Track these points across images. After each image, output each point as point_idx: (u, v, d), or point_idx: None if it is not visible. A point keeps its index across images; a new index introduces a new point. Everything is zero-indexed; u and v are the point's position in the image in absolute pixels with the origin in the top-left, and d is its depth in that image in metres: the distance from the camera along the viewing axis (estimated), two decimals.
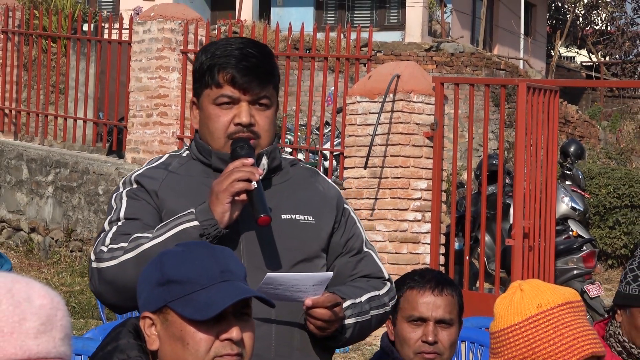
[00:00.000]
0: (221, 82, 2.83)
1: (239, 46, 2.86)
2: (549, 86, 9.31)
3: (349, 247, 2.96)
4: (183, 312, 2.17)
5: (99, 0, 23.95)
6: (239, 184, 2.70)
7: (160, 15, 11.51)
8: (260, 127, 2.85)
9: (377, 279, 2.97)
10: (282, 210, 2.85)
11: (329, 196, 2.96)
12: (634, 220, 14.02)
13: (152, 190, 2.87)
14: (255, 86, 2.83)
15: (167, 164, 2.94)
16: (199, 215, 2.72)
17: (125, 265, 2.73)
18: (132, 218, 2.83)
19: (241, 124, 2.82)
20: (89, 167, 11.59)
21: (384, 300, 2.94)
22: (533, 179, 8.92)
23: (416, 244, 9.18)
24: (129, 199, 2.87)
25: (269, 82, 2.86)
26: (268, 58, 2.89)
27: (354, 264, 2.96)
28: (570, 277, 9.80)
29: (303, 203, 2.90)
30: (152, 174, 2.91)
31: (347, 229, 2.97)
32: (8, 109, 12.82)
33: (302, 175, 2.97)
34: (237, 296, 2.17)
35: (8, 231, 12.11)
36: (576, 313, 2.72)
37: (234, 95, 2.83)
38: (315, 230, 2.88)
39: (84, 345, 4.21)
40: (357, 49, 10.84)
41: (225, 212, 2.71)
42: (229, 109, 2.84)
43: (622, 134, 20.58)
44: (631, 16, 27.05)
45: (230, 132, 2.84)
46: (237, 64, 2.82)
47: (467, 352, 4.77)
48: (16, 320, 1.74)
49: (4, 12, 12.72)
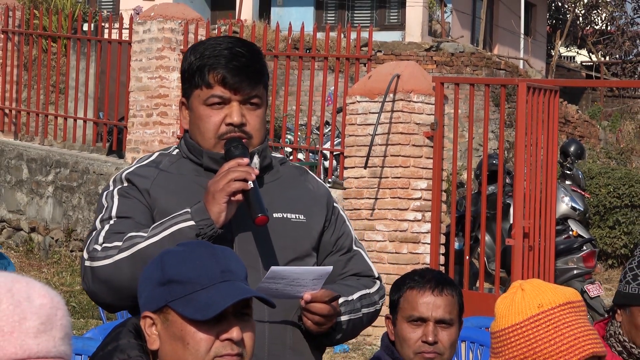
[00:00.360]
0: (212, 82, 2.82)
1: (228, 46, 2.84)
2: (549, 86, 9.30)
3: (339, 245, 2.96)
4: (184, 312, 2.17)
5: (99, 0, 23.95)
6: (236, 184, 2.69)
7: (160, 15, 11.51)
8: (251, 126, 2.84)
9: (367, 277, 2.97)
10: (274, 209, 2.84)
11: (318, 195, 2.96)
12: (634, 220, 14.02)
13: (143, 188, 2.85)
14: (246, 86, 2.82)
15: (158, 162, 2.93)
16: (195, 215, 2.71)
17: (120, 265, 2.72)
18: (124, 216, 2.82)
19: (232, 124, 2.82)
20: (89, 167, 11.59)
21: (374, 298, 2.95)
22: (533, 178, 8.92)
23: (416, 243, 9.18)
24: (121, 197, 2.86)
25: (259, 82, 2.85)
26: (257, 57, 2.87)
27: (344, 263, 2.96)
28: (571, 276, 9.80)
29: (294, 202, 2.90)
30: (143, 172, 2.89)
31: (337, 227, 2.97)
32: (8, 108, 12.82)
33: (291, 173, 2.97)
34: (237, 296, 2.16)
35: (8, 231, 12.11)
36: (577, 313, 2.72)
37: (225, 95, 2.82)
38: (306, 229, 2.88)
39: (84, 345, 4.21)
40: (357, 48, 10.84)
41: (222, 212, 2.70)
42: (220, 109, 2.83)
43: (622, 134, 20.58)
44: (631, 16, 27.07)
45: (222, 133, 2.83)
46: (228, 64, 2.81)
47: (467, 352, 4.77)
48: (16, 320, 1.74)
49: (4, 11, 12.72)
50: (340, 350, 8.92)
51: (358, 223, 9.27)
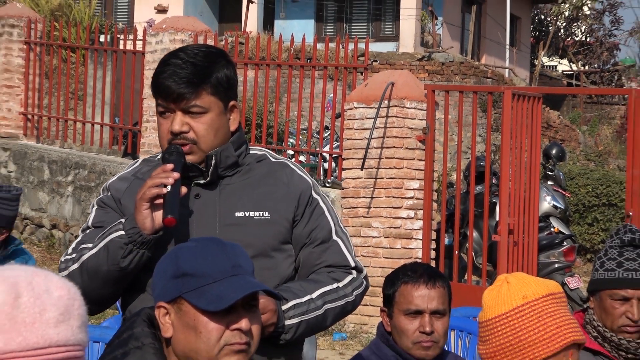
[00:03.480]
0: (156, 93, 2.80)
1: (174, 58, 2.79)
2: (533, 93, 9.30)
3: (313, 237, 2.87)
4: (197, 303, 2.18)
5: (114, 13, 23.93)
6: (152, 190, 2.66)
7: (171, 27, 11.51)
8: (196, 132, 2.78)
9: (341, 267, 2.88)
10: (237, 208, 2.80)
11: (290, 190, 2.87)
12: (610, 217, 14.02)
13: (117, 198, 2.86)
14: (184, 96, 2.76)
15: (137, 170, 2.93)
16: (126, 225, 2.69)
17: (73, 275, 2.74)
18: (98, 226, 2.83)
19: (172, 132, 2.78)
20: (105, 168, 11.58)
21: (345, 291, 2.85)
22: (517, 179, 8.91)
23: (409, 239, 9.17)
24: (98, 208, 2.88)
25: (199, 90, 2.77)
26: (205, 67, 2.78)
27: (318, 254, 2.87)
28: (552, 270, 9.79)
29: (260, 199, 2.83)
30: (120, 181, 2.90)
31: (311, 220, 2.87)
32: (31, 114, 12.81)
33: (267, 170, 2.89)
34: (247, 290, 2.18)
35: (31, 227, 12.11)
36: (558, 303, 2.72)
37: (168, 105, 2.78)
38: (270, 225, 2.81)
39: (102, 333, 4.20)
40: (355, 58, 10.83)
41: (145, 219, 2.67)
42: (168, 118, 2.80)
43: (600, 138, 20.57)
44: (609, 28, 27.03)
45: (169, 139, 2.80)
46: (168, 77, 2.76)
47: (456, 340, 4.76)
48: (37, 311, 1.75)
49: (27, 24, 12.72)
50: (338, 338, 8.91)
51: (355, 220, 9.27)
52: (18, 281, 1.77)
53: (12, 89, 12.76)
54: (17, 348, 1.72)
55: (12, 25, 12.73)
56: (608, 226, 13.94)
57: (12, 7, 13.44)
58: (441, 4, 22.31)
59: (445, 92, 9.55)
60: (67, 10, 15.96)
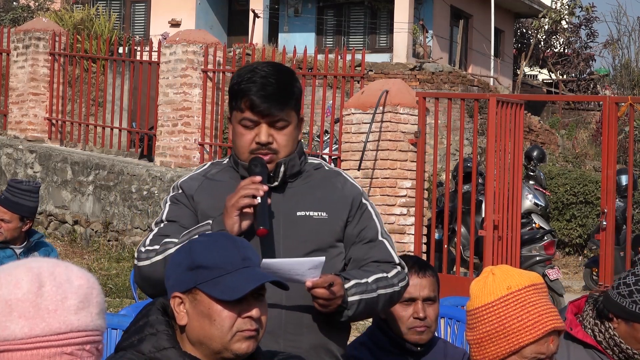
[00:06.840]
0: (243, 107, 2.82)
1: (261, 74, 2.81)
2: (515, 100, 9.29)
3: (362, 236, 2.92)
4: (212, 293, 2.18)
5: (132, 26, 23.91)
6: (244, 200, 2.69)
7: (184, 40, 11.51)
8: (278, 144, 2.83)
9: (387, 263, 2.92)
10: (298, 208, 2.84)
11: (345, 194, 2.92)
12: (587, 214, 14.02)
13: (190, 194, 2.89)
14: (272, 111, 2.80)
15: (207, 171, 2.96)
16: (215, 226, 2.73)
17: (156, 266, 2.75)
18: (172, 220, 2.86)
19: (260, 143, 2.82)
20: (123, 169, 11.58)
21: (392, 281, 2.88)
22: (502, 179, 8.91)
23: (402, 234, 9.16)
24: (171, 204, 2.90)
25: (285, 106, 2.82)
26: (286, 84, 2.83)
27: (367, 250, 2.91)
28: (534, 262, 9.78)
29: (319, 201, 2.88)
30: (192, 180, 2.93)
31: (361, 221, 2.93)
32: (55, 119, 12.81)
33: (324, 176, 2.95)
34: (258, 281, 2.19)
35: (55, 224, 12.11)
36: (540, 294, 2.71)
37: (254, 118, 2.81)
38: (327, 224, 2.86)
39: (119, 321, 4.19)
40: (352, 68, 10.82)
41: (234, 224, 2.70)
42: (251, 129, 2.83)
43: (577, 141, 20.55)
44: (585, 41, 27.01)
45: (252, 149, 2.83)
46: (257, 92, 2.79)
47: (445, 327, 4.75)
48: (59, 299, 1.76)
49: (52, 37, 12.72)
50: None
51: None
52: (41, 272, 1.78)
53: (38, 96, 12.75)
54: (41, 333, 1.73)
55: (38, 38, 12.73)
56: (585, 222, 13.95)
57: (39, 21, 13.45)
58: (431, 18, 22.31)
59: (435, 99, 9.54)
60: (88, 24, 15.95)
